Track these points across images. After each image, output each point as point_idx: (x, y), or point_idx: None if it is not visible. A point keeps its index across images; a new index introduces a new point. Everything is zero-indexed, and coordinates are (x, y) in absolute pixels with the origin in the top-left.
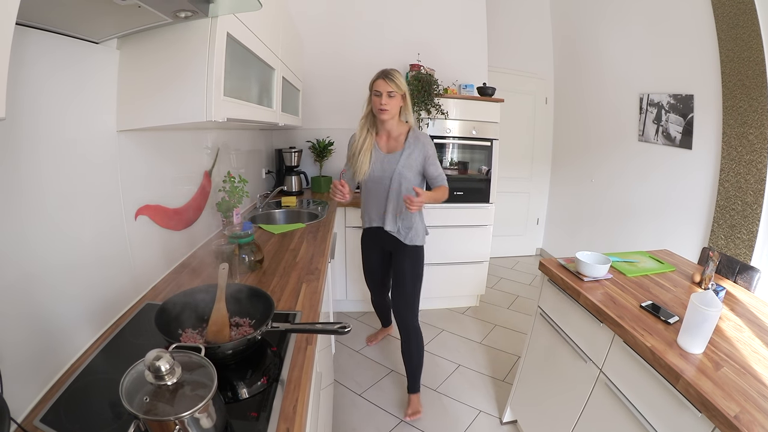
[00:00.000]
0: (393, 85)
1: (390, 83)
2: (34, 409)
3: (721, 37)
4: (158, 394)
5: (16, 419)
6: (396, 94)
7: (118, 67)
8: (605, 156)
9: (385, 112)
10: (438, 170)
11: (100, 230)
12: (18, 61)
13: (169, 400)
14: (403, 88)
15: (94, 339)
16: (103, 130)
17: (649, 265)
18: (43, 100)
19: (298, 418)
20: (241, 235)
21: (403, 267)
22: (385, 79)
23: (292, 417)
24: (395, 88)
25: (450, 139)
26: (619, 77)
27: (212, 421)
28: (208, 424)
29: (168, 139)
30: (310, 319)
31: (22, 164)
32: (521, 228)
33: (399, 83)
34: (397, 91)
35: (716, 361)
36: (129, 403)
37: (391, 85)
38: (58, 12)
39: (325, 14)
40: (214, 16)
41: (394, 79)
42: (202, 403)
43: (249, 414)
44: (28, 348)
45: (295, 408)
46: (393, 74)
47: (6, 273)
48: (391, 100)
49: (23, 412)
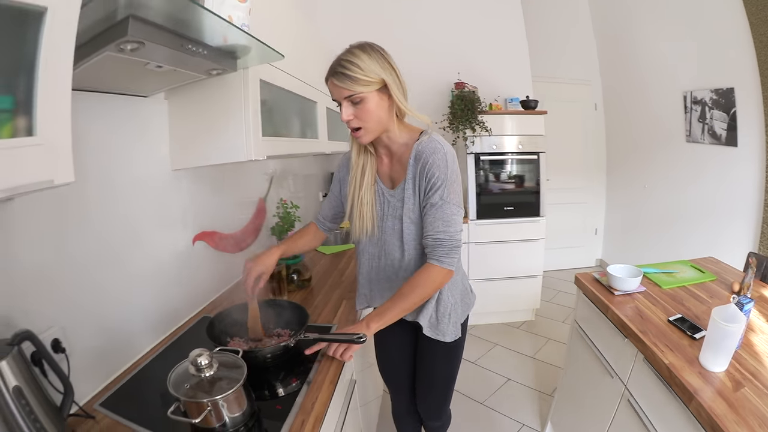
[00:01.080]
0: (349, 84)
1: (343, 82)
2: (96, 396)
3: (753, 22)
4: (198, 383)
5: (79, 402)
6: (364, 93)
7: (168, 115)
8: (656, 159)
9: (358, 133)
10: (435, 221)
11: (165, 251)
12: (86, 119)
13: (206, 389)
14: (373, 77)
15: (154, 344)
16: (160, 170)
17: (689, 275)
18: (109, 149)
19: (314, 413)
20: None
21: (433, 369)
22: (335, 78)
23: (309, 411)
24: (355, 87)
25: (496, 155)
26: (663, 76)
27: (241, 409)
28: (236, 411)
29: (222, 173)
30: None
31: (107, 196)
32: (579, 239)
33: (361, 74)
34: (362, 90)
35: (738, 380)
36: (174, 389)
37: (346, 83)
38: (109, 79)
39: None
40: (244, 68)
41: (348, 71)
42: (230, 391)
43: (275, 407)
44: (97, 345)
45: (313, 405)
46: (345, 65)
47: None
48: (361, 110)
49: (86, 398)
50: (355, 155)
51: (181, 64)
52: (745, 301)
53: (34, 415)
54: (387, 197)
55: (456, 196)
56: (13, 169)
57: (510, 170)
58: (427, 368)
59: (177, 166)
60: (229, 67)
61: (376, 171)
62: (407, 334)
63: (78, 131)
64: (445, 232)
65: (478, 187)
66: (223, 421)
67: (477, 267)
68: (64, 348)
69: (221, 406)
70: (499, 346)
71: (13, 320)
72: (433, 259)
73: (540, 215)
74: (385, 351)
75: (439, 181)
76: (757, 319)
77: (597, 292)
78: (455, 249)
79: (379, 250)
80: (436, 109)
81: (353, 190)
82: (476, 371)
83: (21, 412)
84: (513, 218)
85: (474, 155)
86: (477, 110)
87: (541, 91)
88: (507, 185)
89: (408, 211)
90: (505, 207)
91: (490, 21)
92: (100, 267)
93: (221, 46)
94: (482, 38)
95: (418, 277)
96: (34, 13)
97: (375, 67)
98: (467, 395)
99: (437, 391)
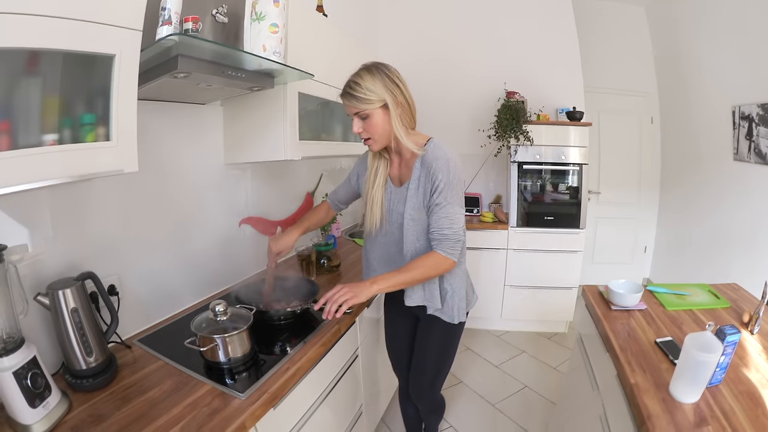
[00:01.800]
0: (355, 103)
1: (350, 101)
2: (136, 335)
3: None
4: (213, 325)
5: (121, 335)
6: (369, 110)
7: (222, 119)
8: (705, 178)
9: (368, 142)
10: (440, 219)
11: (214, 230)
12: (154, 122)
13: (218, 329)
14: (375, 96)
15: (193, 303)
16: (215, 163)
17: (701, 299)
18: (172, 145)
19: (299, 364)
20: (321, 244)
21: (427, 345)
22: (344, 98)
23: (296, 362)
24: (360, 105)
25: (539, 164)
26: (715, 89)
27: (243, 351)
28: (239, 352)
29: (270, 168)
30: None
31: (168, 182)
32: (627, 256)
33: (364, 94)
34: (366, 107)
35: (704, 417)
36: (194, 328)
37: (353, 103)
38: (172, 93)
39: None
40: (284, 83)
41: (354, 92)
42: (234, 333)
43: (273, 355)
44: (145, 297)
45: (300, 359)
46: (353, 86)
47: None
48: (368, 124)
49: (128, 334)
50: (371, 159)
51: (225, 84)
52: (730, 331)
53: (84, 331)
54: (394, 195)
55: (458, 198)
56: (95, 161)
57: (552, 180)
58: (421, 349)
59: (229, 161)
60: (267, 85)
61: (387, 173)
62: (413, 320)
63: (147, 131)
64: (450, 228)
65: (520, 195)
66: (228, 357)
67: (514, 273)
68: (118, 292)
69: (227, 344)
70: (525, 353)
71: (82, 267)
72: (439, 249)
73: (580, 227)
74: (392, 335)
75: (443, 183)
76: (758, 355)
77: (595, 305)
78: (458, 243)
79: (387, 240)
80: (486, 117)
81: (367, 189)
82: (497, 374)
83: (74, 328)
84: (553, 228)
85: (517, 164)
86: (522, 120)
87: (597, 102)
88: (548, 195)
89: (410, 209)
90: (546, 216)
91: (543, 33)
92: (158, 237)
93: (258, 70)
94: (535, 49)
95: (425, 258)
96: (107, 58)
97: (378, 88)
98: (482, 395)
99: (427, 373)
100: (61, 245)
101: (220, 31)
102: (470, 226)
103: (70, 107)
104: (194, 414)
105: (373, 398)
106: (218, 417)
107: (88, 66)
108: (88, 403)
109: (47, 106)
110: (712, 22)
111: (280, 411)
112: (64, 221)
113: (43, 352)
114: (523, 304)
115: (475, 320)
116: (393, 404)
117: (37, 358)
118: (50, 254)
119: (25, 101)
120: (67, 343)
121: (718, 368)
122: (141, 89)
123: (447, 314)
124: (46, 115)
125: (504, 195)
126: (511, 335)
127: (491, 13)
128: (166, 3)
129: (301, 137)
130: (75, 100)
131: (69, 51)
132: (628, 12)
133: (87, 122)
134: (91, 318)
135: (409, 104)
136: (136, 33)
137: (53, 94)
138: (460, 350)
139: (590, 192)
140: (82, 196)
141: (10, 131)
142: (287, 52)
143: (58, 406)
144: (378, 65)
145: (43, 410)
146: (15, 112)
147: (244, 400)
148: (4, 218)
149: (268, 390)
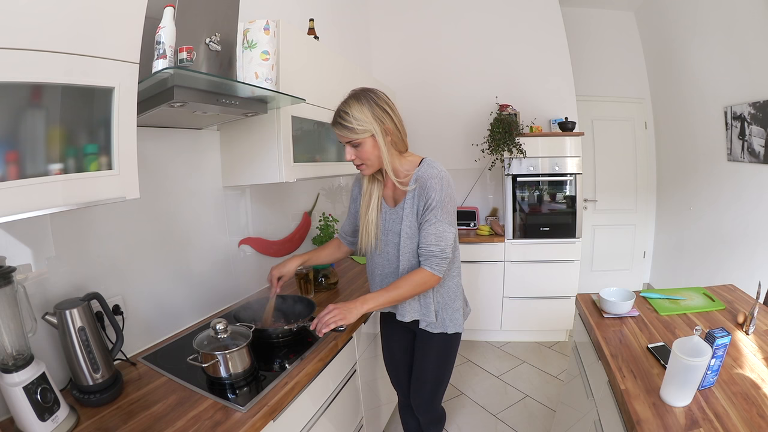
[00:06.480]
0: (346, 132)
1: (341, 131)
2: (140, 352)
3: None
4: (215, 342)
5: (126, 353)
6: (359, 140)
7: (219, 143)
8: (701, 180)
9: (361, 167)
10: (428, 236)
11: (214, 251)
12: (154, 147)
13: (219, 346)
14: (362, 127)
15: (195, 322)
16: (213, 186)
17: (696, 302)
18: (171, 169)
19: (297, 378)
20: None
21: (425, 358)
22: (335, 128)
23: (294, 377)
24: (350, 135)
25: (533, 176)
26: (707, 91)
27: (243, 367)
28: (239, 368)
29: (268, 189)
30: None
31: (169, 205)
32: (627, 262)
33: (353, 124)
34: (356, 137)
35: (695, 420)
36: (196, 345)
37: (344, 132)
38: (170, 120)
39: (405, 80)
40: (277, 108)
41: (344, 122)
42: (234, 349)
43: (272, 370)
44: (149, 316)
45: (298, 373)
46: (342, 116)
47: (153, 264)
48: (360, 151)
49: (133, 352)
50: (366, 182)
51: (220, 111)
52: (719, 334)
53: (90, 349)
54: (389, 215)
55: (449, 216)
56: (99, 190)
57: (547, 191)
58: (420, 362)
59: (227, 184)
60: (260, 110)
61: (381, 195)
62: (408, 334)
63: (147, 157)
64: (437, 245)
65: (515, 207)
66: (229, 373)
67: (512, 285)
68: (122, 311)
69: (228, 360)
70: (526, 363)
71: (87, 287)
72: (425, 265)
73: (576, 237)
74: (388, 349)
75: (434, 202)
76: (753, 355)
77: (588, 313)
78: (444, 260)
79: (383, 260)
80: (479, 131)
81: (363, 212)
82: (498, 385)
83: (81, 346)
84: (549, 239)
85: (511, 176)
86: (515, 133)
87: (590, 110)
88: (543, 206)
89: (405, 228)
90: (542, 227)
91: (534, 44)
92: (160, 258)
93: (251, 97)
94: (526, 61)
95: (412, 276)
96: (107, 90)
97: (366, 117)
98: (483, 406)
99: (427, 386)
100: (64, 266)
101: (214, 58)
102: (467, 239)
103: (73, 137)
104: (197, 427)
105: (374, 411)
106: (220, 429)
107: (89, 98)
108: (96, 417)
109: (52, 136)
110: (701, 23)
111: (279, 423)
112: (67, 243)
113: (52, 369)
114: (523, 315)
115: (475, 332)
116: (394, 417)
117: (46, 373)
118: (54, 275)
119: (31, 132)
120: (74, 360)
121: (709, 371)
122: (140, 117)
123: (441, 326)
124: (51, 146)
125: (500, 208)
126: (512, 346)
127: (481, 27)
128: (161, 37)
129: (296, 159)
130: (78, 131)
131: (72, 85)
132: (618, 18)
133: (90, 152)
134: (97, 336)
135: (398, 129)
136: (133, 66)
137: (57, 125)
138: (461, 362)
139: (586, 200)
140: (85, 219)
141: (18, 161)
142: (279, 77)
143: (66, 420)
144: (366, 92)
145: (52, 424)
146: (22, 142)
147: (245, 413)
148: (8, 239)
149: (268, 403)
